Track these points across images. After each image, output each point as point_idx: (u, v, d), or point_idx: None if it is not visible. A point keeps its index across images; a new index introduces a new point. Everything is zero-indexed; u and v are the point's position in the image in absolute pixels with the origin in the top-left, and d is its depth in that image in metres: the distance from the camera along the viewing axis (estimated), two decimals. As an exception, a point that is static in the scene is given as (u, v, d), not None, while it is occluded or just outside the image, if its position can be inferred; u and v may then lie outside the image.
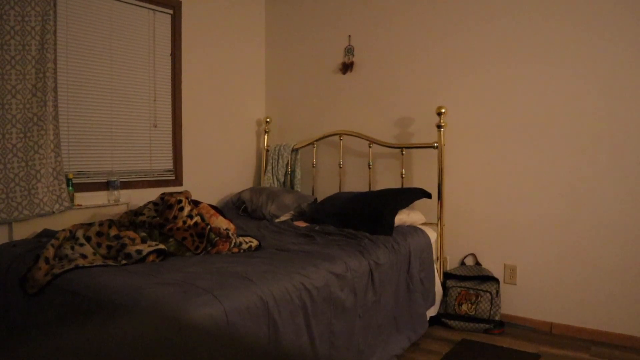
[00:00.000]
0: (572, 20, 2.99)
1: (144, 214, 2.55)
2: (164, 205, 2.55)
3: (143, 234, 2.38)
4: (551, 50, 3.05)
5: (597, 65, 2.93)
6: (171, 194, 2.65)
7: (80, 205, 2.97)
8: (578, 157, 3.01)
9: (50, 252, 2.15)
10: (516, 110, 3.19)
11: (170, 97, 3.54)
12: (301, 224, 3.25)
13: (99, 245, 2.28)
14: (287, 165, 3.93)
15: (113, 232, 2.36)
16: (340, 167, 3.78)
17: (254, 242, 2.56)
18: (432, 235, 3.19)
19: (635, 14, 2.81)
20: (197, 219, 2.50)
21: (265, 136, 4.13)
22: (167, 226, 2.42)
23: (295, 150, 3.94)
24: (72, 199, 2.90)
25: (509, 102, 3.21)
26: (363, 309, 2.35)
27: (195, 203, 2.71)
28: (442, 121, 3.22)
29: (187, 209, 2.52)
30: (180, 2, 3.53)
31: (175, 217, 2.46)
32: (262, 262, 2.22)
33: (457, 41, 3.37)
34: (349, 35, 3.81)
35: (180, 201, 2.53)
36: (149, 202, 2.68)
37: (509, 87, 3.20)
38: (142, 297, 1.74)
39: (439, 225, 3.27)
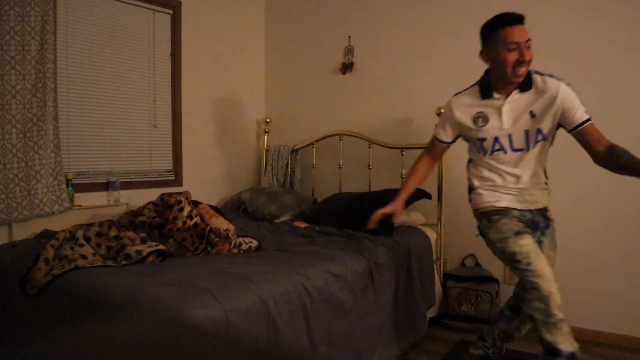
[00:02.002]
0: (572, 17, 2.99)
1: (143, 215, 2.55)
2: (163, 205, 2.54)
3: (143, 234, 2.37)
4: (550, 49, 3.05)
5: (597, 64, 2.93)
6: (171, 194, 2.65)
7: (80, 205, 2.96)
8: (577, 156, 3.00)
9: (50, 252, 2.15)
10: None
11: (170, 97, 3.54)
12: (301, 224, 3.25)
13: (98, 245, 2.28)
14: (286, 165, 3.93)
15: (113, 232, 2.36)
16: (340, 168, 3.78)
17: (254, 243, 2.56)
18: (432, 235, 3.19)
19: (637, 10, 2.81)
20: (196, 219, 2.50)
21: (265, 136, 4.13)
22: (167, 227, 2.41)
23: (295, 151, 3.94)
24: (71, 200, 2.89)
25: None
26: (363, 309, 2.35)
27: (195, 203, 2.71)
28: (442, 122, 3.22)
29: (186, 209, 2.52)
30: (180, 2, 3.53)
31: (175, 218, 2.45)
32: (262, 263, 2.21)
33: (456, 41, 3.37)
34: (349, 36, 3.81)
35: (180, 202, 2.53)
36: (149, 203, 2.68)
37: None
38: (142, 297, 1.74)
39: (439, 225, 3.26)
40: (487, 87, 2.06)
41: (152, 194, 3.26)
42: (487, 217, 2.17)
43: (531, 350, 2.81)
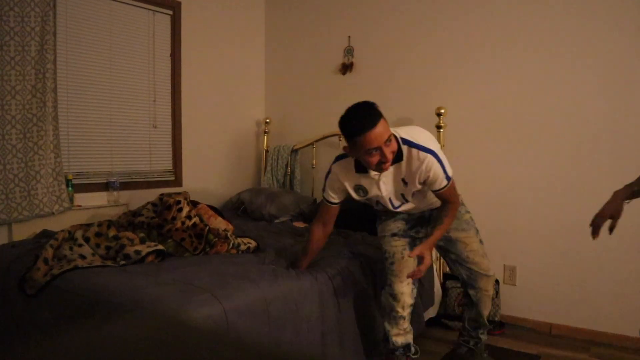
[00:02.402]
0: (573, 15, 2.99)
1: (142, 215, 2.55)
2: (162, 206, 2.55)
3: (142, 234, 2.38)
4: (551, 49, 3.05)
5: (598, 64, 2.93)
6: (170, 194, 2.65)
7: (80, 205, 2.97)
8: (578, 157, 3.01)
9: (49, 252, 2.15)
10: (516, 111, 3.18)
11: (169, 97, 3.54)
12: (300, 224, 3.25)
13: (97, 245, 2.28)
14: (286, 166, 3.93)
15: (112, 232, 2.36)
16: (340, 168, 3.77)
17: (253, 243, 2.56)
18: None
19: (638, 9, 2.81)
20: (195, 219, 2.50)
21: (265, 137, 4.13)
22: (166, 227, 2.42)
23: (294, 151, 3.93)
24: (71, 200, 2.90)
25: (509, 103, 3.21)
26: (361, 308, 2.35)
27: (194, 204, 2.71)
28: (441, 122, 3.22)
29: (185, 209, 2.52)
30: (180, 3, 3.54)
31: (173, 218, 2.46)
32: (260, 263, 2.22)
33: (456, 42, 3.37)
34: (349, 36, 3.81)
35: (179, 202, 2.53)
36: (148, 203, 2.68)
37: (509, 89, 3.20)
38: (141, 297, 1.74)
39: (439, 226, 3.25)
40: (361, 165, 2.08)
41: (152, 195, 3.26)
42: (378, 214, 2.43)
43: (531, 351, 2.81)
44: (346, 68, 3.81)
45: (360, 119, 1.96)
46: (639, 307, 2.85)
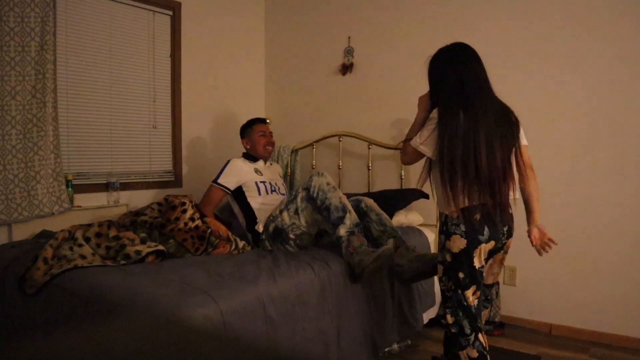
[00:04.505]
0: (573, 18, 2.99)
1: (146, 214, 2.56)
2: (167, 205, 2.55)
3: (142, 234, 2.38)
4: (551, 49, 3.05)
5: (599, 65, 2.93)
6: (176, 196, 2.66)
7: (80, 206, 2.97)
8: (578, 157, 3.00)
9: (48, 252, 2.15)
10: (515, 109, 3.17)
11: (169, 98, 3.54)
12: (300, 225, 3.24)
13: (98, 245, 2.28)
14: (286, 166, 3.93)
15: (112, 232, 2.36)
16: (340, 169, 3.78)
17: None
18: (430, 236, 3.19)
19: (636, 13, 2.81)
20: (198, 222, 2.51)
21: (265, 137, 4.13)
22: (168, 227, 2.42)
23: (294, 152, 3.94)
24: (71, 200, 2.90)
25: (507, 101, 3.20)
26: (360, 307, 2.35)
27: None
28: (441, 122, 3.22)
29: (190, 211, 2.52)
30: (180, 3, 3.54)
31: (177, 219, 2.46)
32: (258, 263, 2.22)
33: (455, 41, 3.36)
34: (349, 37, 3.81)
35: (184, 203, 2.53)
36: (153, 203, 2.69)
37: (507, 87, 3.19)
38: (139, 297, 1.74)
39: (438, 226, 3.25)
40: (252, 157, 3.06)
41: (152, 195, 3.28)
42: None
43: (531, 351, 2.81)
44: (346, 69, 3.81)
45: (258, 118, 3.16)
46: (639, 308, 2.85)
